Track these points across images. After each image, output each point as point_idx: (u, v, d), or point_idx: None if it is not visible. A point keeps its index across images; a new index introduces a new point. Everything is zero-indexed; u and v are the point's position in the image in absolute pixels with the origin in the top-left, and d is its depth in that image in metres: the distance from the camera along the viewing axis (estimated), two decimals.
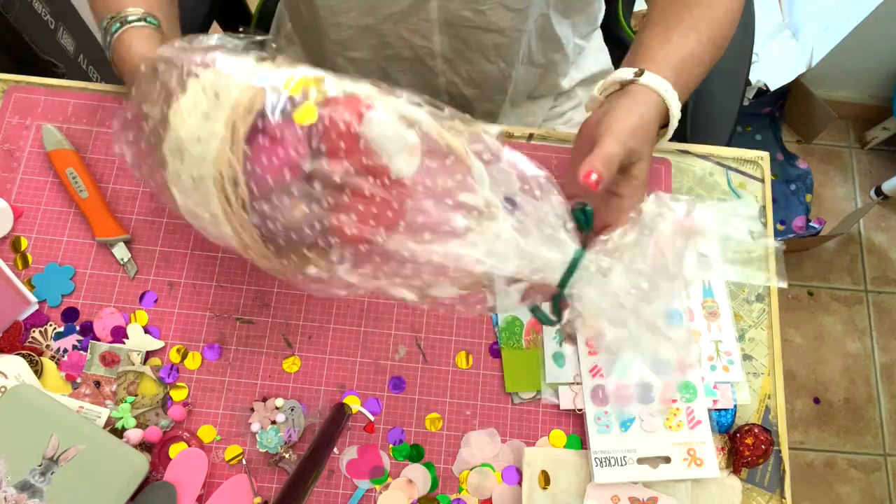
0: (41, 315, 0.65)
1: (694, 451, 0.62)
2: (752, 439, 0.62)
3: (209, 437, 0.63)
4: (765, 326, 0.69)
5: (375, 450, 0.63)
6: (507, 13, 0.71)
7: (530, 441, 0.64)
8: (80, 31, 1.26)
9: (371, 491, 0.62)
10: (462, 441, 0.64)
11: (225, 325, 0.66)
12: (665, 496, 0.61)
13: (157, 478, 0.60)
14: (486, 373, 0.66)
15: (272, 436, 0.61)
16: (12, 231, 0.67)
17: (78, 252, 0.67)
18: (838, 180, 1.81)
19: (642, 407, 0.63)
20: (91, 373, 0.63)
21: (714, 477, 0.62)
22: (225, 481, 0.61)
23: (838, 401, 1.62)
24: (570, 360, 0.65)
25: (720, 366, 0.65)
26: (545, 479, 0.62)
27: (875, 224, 1.77)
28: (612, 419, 0.63)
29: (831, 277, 1.72)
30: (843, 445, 1.59)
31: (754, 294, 0.70)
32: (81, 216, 0.67)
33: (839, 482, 1.56)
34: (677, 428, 0.63)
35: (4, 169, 0.69)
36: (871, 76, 1.72)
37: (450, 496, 0.62)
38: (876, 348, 1.67)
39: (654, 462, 0.62)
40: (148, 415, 0.62)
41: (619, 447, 0.62)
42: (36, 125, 0.71)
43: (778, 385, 0.67)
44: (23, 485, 0.56)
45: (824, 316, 1.69)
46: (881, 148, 1.83)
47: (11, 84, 0.72)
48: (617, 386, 0.62)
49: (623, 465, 0.61)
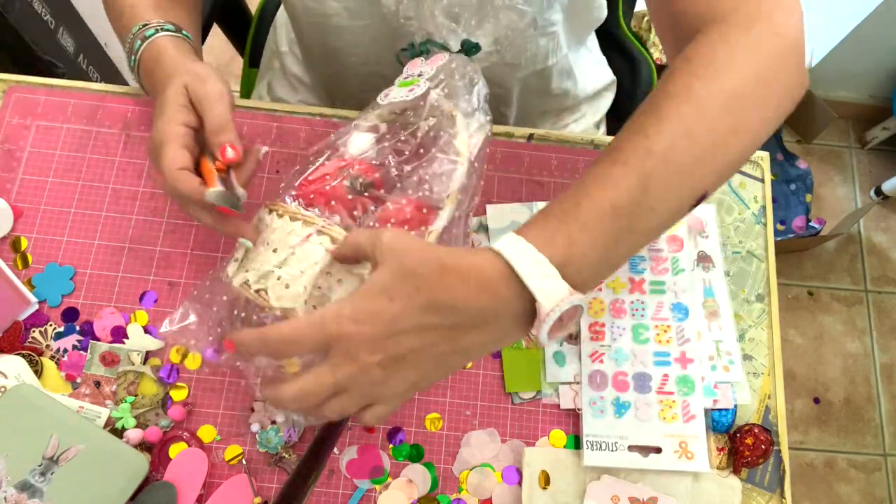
0: (41, 315, 0.65)
1: (686, 444, 0.62)
2: (752, 439, 0.62)
3: (209, 437, 0.63)
4: (765, 326, 0.69)
5: (375, 450, 0.63)
6: (505, 69, 0.72)
7: (530, 441, 0.64)
8: (80, 31, 1.26)
9: (371, 491, 0.62)
10: (462, 441, 0.64)
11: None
12: (665, 496, 0.61)
13: (157, 478, 0.60)
14: (486, 373, 0.66)
15: (272, 436, 0.61)
16: (12, 231, 0.67)
17: (78, 252, 0.67)
18: (838, 180, 1.81)
19: (639, 396, 0.63)
20: (91, 373, 0.63)
21: (704, 472, 0.62)
22: (225, 481, 0.61)
23: (838, 401, 1.62)
24: (570, 360, 0.65)
25: (720, 366, 0.66)
26: (545, 479, 0.62)
27: (875, 224, 1.77)
28: (608, 404, 0.63)
29: (831, 277, 1.72)
30: (843, 445, 1.59)
31: (754, 294, 0.70)
32: (82, 216, 0.68)
33: (839, 482, 1.56)
34: (672, 420, 0.63)
35: (4, 169, 0.69)
36: (871, 76, 1.72)
37: (450, 496, 0.62)
38: (876, 348, 1.67)
39: (644, 451, 0.62)
40: (148, 415, 0.62)
41: (611, 433, 0.62)
42: (36, 125, 0.71)
43: (778, 385, 0.67)
44: (23, 485, 0.56)
45: (824, 316, 1.69)
46: (881, 148, 1.83)
47: (11, 84, 0.72)
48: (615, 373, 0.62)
49: (614, 451, 0.62)
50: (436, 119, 0.56)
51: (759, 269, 0.70)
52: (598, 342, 0.65)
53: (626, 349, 0.65)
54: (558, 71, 0.79)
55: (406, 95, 0.56)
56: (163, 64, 0.58)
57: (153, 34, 0.59)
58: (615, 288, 0.67)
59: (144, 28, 0.60)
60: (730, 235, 0.71)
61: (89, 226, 0.68)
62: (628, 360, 0.65)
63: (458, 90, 0.57)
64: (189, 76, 0.55)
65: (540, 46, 0.73)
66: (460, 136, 0.56)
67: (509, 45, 0.63)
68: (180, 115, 0.54)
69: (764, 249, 0.71)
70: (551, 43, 0.73)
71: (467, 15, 0.60)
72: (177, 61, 0.58)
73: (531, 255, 0.42)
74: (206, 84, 0.55)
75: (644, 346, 0.65)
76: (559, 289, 0.41)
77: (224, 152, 0.53)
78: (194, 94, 0.54)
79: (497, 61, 0.70)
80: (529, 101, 0.83)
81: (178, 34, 0.61)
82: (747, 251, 0.71)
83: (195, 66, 0.57)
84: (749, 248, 0.71)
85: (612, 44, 0.95)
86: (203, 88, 0.54)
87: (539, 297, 0.41)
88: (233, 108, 0.55)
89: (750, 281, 0.70)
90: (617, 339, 0.65)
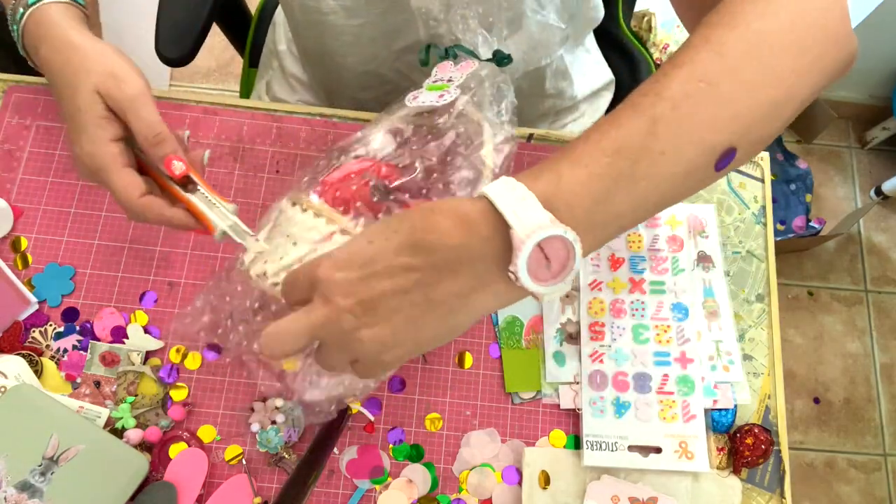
0: (41, 315, 0.65)
1: (686, 444, 0.62)
2: (752, 439, 0.62)
3: (209, 437, 0.63)
4: (765, 326, 0.69)
5: (375, 450, 0.63)
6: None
7: (530, 441, 0.64)
8: None
9: (371, 491, 0.62)
10: (462, 441, 0.64)
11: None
12: (665, 496, 0.61)
13: (157, 478, 0.60)
14: (486, 373, 0.66)
15: (272, 436, 0.61)
16: (12, 231, 0.67)
17: (78, 252, 0.67)
18: (838, 180, 1.81)
19: (639, 396, 0.63)
20: (91, 373, 0.63)
21: (704, 471, 0.62)
22: (225, 481, 0.61)
23: (838, 401, 1.62)
24: (570, 360, 0.65)
25: (720, 366, 0.66)
26: (545, 479, 0.62)
27: (875, 224, 1.77)
28: (608, 404, 0.63)
29: (831, 277, 1.72)
30: (843, 445, 1.59)
31: (754, 294, 0.70)
32: (82, 216, 0.68)
33: (839, 482, 1.56)
34: (672, 420, 0.63)
35: (4, 169, 0.69)
36: (871, 76, 1.72)
37: (450, 496, 0.62)
38: (876, 348, 1.67)
39: (644, 451, 0.62)
40: (148, 415, 0.62)
41: (611, 432, 0.62)
42: (36, 125, 0.71)
43: (778, 385, 0.67)
44: (23, 485, 0.56)
45: (824, 316, 1.69)
46: (881, 148, 1.83)
47: (11, 84, 0.72)
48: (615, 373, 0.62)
49: (614, 451, 0.62)
50: (463, 127, 0.56)
51: (759, 269, 0.70)
52: (598, 342, 0.65)
53: (626, 349, 0.65)
54: (552, 72, 0.79)
55: (436, 101, 0.55)
56: (51, 42, 0.50)
57: (36, 1, 0.51)
58: (615, 288, 0.67)
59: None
60: (730, 235, 0.71)
61: (89, 226, 0.68)
62: (628, 360, 0.65)
63: (486, 99, 0.56)
64: (98, 76, 0.49)
65: None
66: (486, 147, 0.56)
67: (536, 59, 0.62)
68: (106, 132, 0.49)
69: (764, 249, 0.71)
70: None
71: (500, 25, 0.57)
72: (68, 41, 0.50)
73: (510, 186, 0.39)
74: (124, 85, 0.49)
75: (644, 346, 0.65)
76: (537, 214, 0.38)
77: (170, 167, 0.49)
78: (112, 99, 0.49)
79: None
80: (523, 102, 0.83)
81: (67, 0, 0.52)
82: (747, 251, 0.71)
83: (99, 56, 0.49)
84: (749, 248, 0.71)
85: (612, 44, 0.95)
86: (121, 91, 0.49)
87: (511, 221, 0.38)
88: (152, 97, 0.50)
89: (750, 281, 0.70)
90: (617, 339, 0.65)
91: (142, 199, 0.49)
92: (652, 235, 0.69)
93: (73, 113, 0.49)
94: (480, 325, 0.67)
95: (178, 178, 0.51)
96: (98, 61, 0.49)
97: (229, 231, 0.52)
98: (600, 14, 0.82)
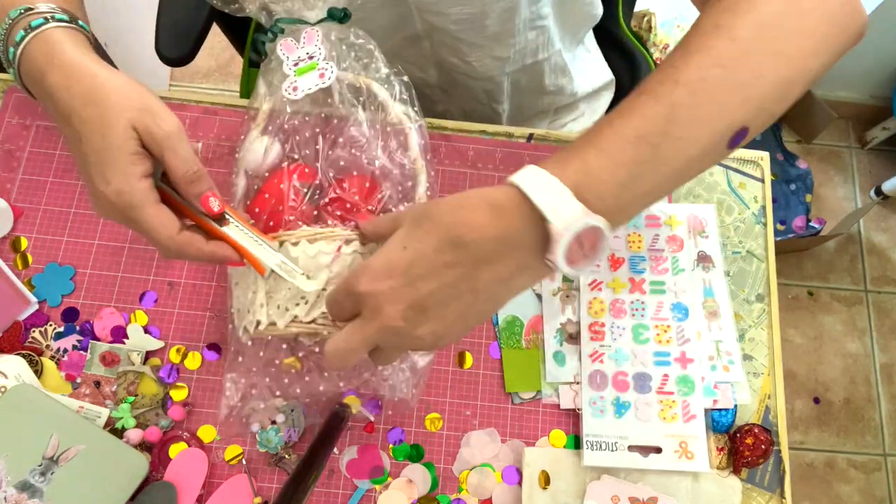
0: (41, 315, 0.65)
1: (686, 444, 0.62)
2: (752, 439, 0.62)
3: (209, 437, 0.63)
4: (765, 326, 0.69)
5: (375, 450, 0.63)
6: (494, 62, 0.72)
7: (530, 441, 0.64)
8: None
9: (371, 491, 0.62)
10: (462, 441, 0.64)
11: (225, 325, 0.66)
12: (665, 496, 0.61)
13: (157, 478, 0.60)
14: (486, 373, 0.66)
15: (272, 436, 0.61)
16: (12, 231, 0.67)
17: (78, 252, 0.67)
18: (838, 180, 1.81)
19: (639, 396, 0.63)
20: (91, 373, 0.63)
21: (704, 471, 0.62)
22: (225, 481, 0.61)
23: (838, 401, 1.62)
24: (570, 360, 0.65)
25: (720, 366, 0.66)
26: (545, 479, 0.62)
27: (875, 224, 1.77)
28: (608, 404, 0.63)
29: (831, 277, 1.72)
30: (843, 445, 1.59)
31: (754, 294, 0.70)
32: (82, 216, 0.68)
33: (839, 482, 1.56)
34: (672, 420, 0.63)
35: (4, 169, 0.69)
36: (871, 76, 1.73)
37: (450, 496, 0.62)
38: (876, 348, 1.67)
39: (644, 451, 0.62)
40: (148, 415, 0.62)
41: (611, 432, 0.62)
42: (36, 125, 0.71)
43: (778, 385, 0.67)
44: (23, 485, 0.56)
45: (824, 316, 1.69)
46: (881, 148, 1.83)
47: (11, 84, 0.72)
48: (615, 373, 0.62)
49: (614, 451, 0.62)
50: (361, 97, 0.56)
51: (759, 269, 0.70)
52: (598, 342, 0.65)
53: (626, 349, 0.65)
54: (551, 67, 0.79)
55: (320, 82, 0.54)
56: (65, 69, 0.47)
57: (41, 24, 0.47)
58: (615, 288, 0.67)
59: (28, 14, 0.48)
60: (730, 235, 0.71)
61: (89, 226, 0.68)
62: (628, 360, 0.65)
63: (359, 60, 0.55)
64: (133, 112, 0.46)
65: (529, 40, 0.72)
66: (391, 105, 0.55)
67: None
68: (138, 168, 0.46)
69: (764, 249, 0.71)
70: (541, 37, 0.73)
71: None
72: (86, 70, 0.47)
73: (542, 178, 0.41)
74: (161, 122, 0.46)
75: (644, 346, 0.65)
76: (572, 207, 0.41)
77: (207, 204, 0.48)
78: (150, 135, 0.46)
79: (483, 55, 0.69)
80: (522, 98, 0.83)
81: (74, 24, 0.49)
82: (747, 251, 0.71)
83: (129, 91, 0.47)
84: (749, 248, 0.71)
85: (612, 43, 0.95)
86: (159, 128, 0.46)
87: (549, 216, 0.40)
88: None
89: (750, 281, 0.70)
90: (617, 339, 0.65)
91: (181, 235, 0.48)
92: (652, 235, 0.69)
93: (100, 149, 0.46)
94: (480, 325, 0.67)
95: (216, 215, 0.50)
96: (128, 96, 0.47)
97: (278, 270, 0.51)
98: (598, 10, 0.82)
